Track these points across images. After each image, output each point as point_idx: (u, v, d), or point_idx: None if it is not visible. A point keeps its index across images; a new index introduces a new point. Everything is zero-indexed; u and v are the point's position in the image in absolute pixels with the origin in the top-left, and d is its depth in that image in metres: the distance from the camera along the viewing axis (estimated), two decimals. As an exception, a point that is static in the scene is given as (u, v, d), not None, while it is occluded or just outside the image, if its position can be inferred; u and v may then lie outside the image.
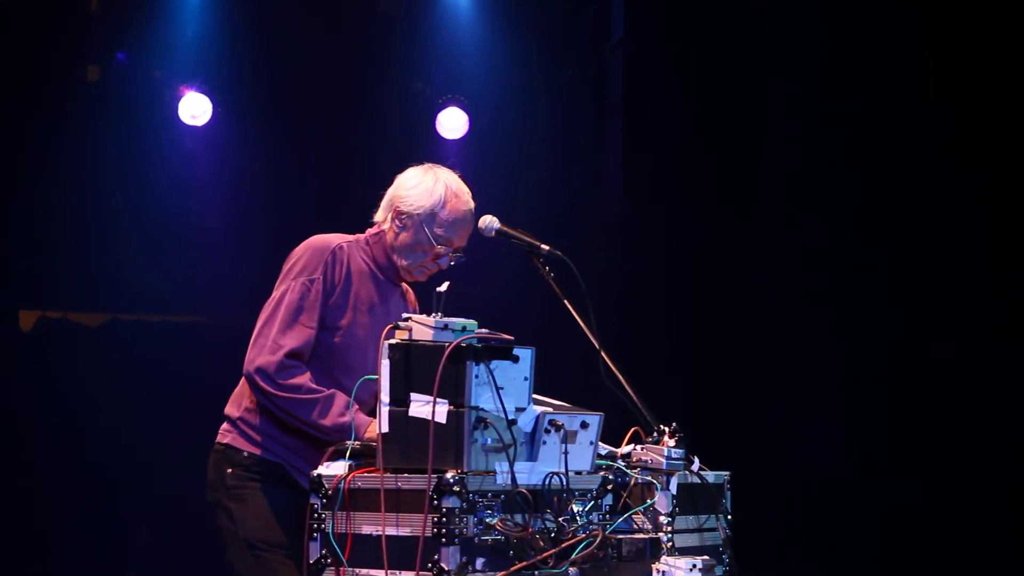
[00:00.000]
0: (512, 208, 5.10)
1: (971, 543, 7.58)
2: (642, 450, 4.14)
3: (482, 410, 3.76)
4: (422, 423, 3.77)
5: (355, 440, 4.10)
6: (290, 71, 8.66)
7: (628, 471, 4.08)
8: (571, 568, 3.81)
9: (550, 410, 3.92)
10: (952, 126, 7.74)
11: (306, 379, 4.34)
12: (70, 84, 8.38)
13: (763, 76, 8.39)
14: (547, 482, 3.84)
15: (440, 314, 3.90)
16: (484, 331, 3.90)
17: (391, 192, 4.58)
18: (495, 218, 4.52)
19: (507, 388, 3.81)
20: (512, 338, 3.89)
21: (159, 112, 8.36)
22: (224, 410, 4.55)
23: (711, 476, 4.26)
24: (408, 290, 4.71)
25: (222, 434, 4.53)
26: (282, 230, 7.69)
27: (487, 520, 3.72)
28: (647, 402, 4.25)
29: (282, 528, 4.38)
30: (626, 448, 4.18)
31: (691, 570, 3.92)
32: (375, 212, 4.60)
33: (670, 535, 4.04)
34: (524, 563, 3.74)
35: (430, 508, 3.69)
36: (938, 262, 7.80)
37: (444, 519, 3.67)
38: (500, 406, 3.78)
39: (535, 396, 3.92)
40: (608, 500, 4.01)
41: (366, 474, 3.90)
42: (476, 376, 3.75)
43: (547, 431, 3.88)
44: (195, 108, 8.31)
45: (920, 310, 7.87)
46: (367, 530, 3.85)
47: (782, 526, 8.00)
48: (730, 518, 4.30)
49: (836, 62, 8.04)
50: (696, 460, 4.18)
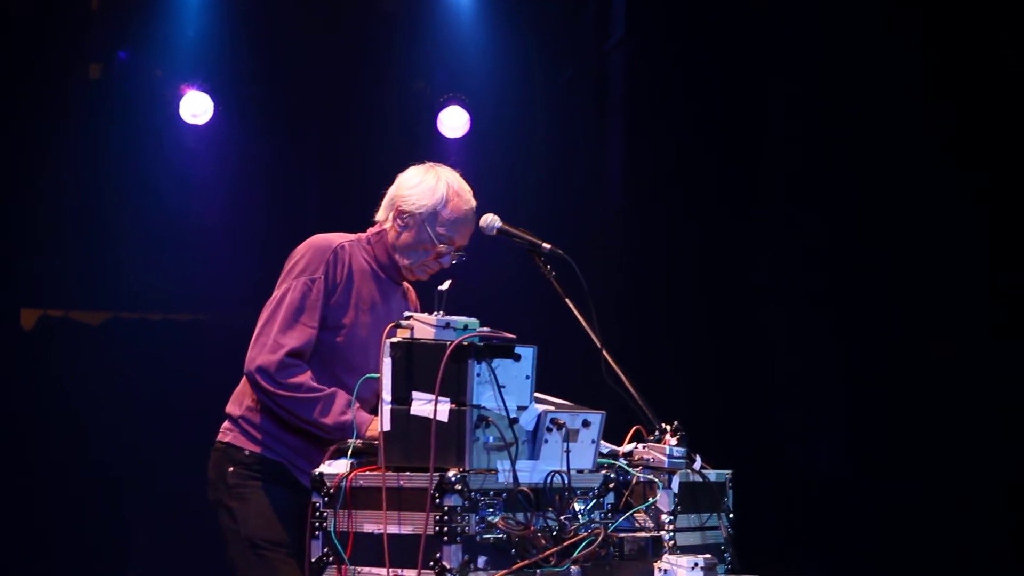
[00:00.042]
0: (513, 207, 5.09)
1: (971, 543, 7.57)
2: (644, 448, 4.14)
3: (484, 408, 3.76)
4: (424, 421, 3.77)
5: (357, 438, 4.10)
6: (291, 70, 8.66)
7: (630, 469, 4.08)
8: (573, 566, 3.81)
9: (552, 408, 3.93)
10: (952, 126, 7.73)
11: (307, 378, 4.34)
12: (71, 83, 8.38)
13: (763, 76, 8.38)
14: (549, 480, 3.84)
15: (442, 313, 3.90)
16: (486, 330, 3.90)
17: (392, 191, 4.58)
18: (496, 217, 4.53)
19: (509, 386, 3.81)
20: (514, 336, 3.89)
21: (160, 111, 8.36)
22: (225, 409, 4.55)
23: (713, 474, 4.27)
24: (409, 289, 4.70)
25: (223, 433, 4.53)
26: (283, 229, 7.68)
27: (489, 518, 3.72)
28: (648, 401, 4.25)
29: (283, 527, 4.38)
30: (628, 446, 4.19)
31: (693, 568, 3.92)
32: (376, 211, 4.60)
33: (672, 533, 4.05)
34: (526, 561, 3.74)
35: (432, 506, 3.69)
36: (938, 262, 7.79)
37: (446, 517, 3.67)
38: (502, 404, 3.79)
39: (537, 394, 3.92)
40: (610, 498, 4.01)
41: (368, 472, 3.90)
42: (478, 374, 3.75)
43: (549, 429, 3.88)
44: (196, 107, 8.31)
45: (920, 310, 7.86)
46: (369, 528, 3.85)
47: (782, 526, 7.99)
48: (732, 516, 4.31)
49: (836, 62, 8.03)
50: (698, 458, 4.19)
